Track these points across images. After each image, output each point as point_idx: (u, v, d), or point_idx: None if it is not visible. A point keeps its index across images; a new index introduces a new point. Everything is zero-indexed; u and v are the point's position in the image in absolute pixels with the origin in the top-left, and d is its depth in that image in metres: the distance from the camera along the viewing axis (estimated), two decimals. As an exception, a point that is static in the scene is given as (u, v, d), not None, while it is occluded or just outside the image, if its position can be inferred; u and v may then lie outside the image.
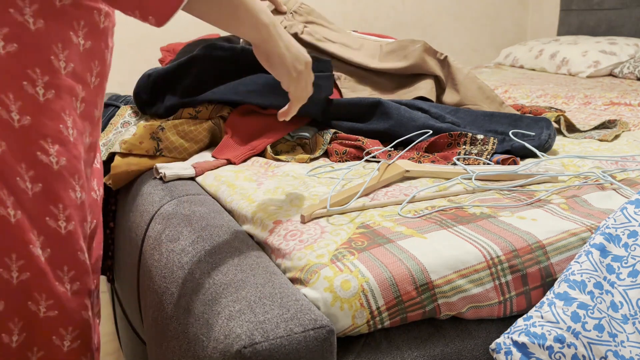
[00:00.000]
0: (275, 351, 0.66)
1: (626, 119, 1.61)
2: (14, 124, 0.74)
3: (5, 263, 0.76)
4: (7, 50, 0.72)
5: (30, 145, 0.75)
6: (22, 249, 0.76)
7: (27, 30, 0.73)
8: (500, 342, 0.73)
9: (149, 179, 1.23)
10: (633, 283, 0.76)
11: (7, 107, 0.73)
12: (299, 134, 1.33)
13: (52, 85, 0.76)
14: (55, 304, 0.80)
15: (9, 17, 0.71)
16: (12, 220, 0.75)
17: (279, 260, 0.85)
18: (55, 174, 0.78)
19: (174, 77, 1.38)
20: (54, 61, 0.75)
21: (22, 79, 0.73)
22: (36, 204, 0.77)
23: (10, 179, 0.74)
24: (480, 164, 1.18)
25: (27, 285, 0.78)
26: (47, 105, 0.76)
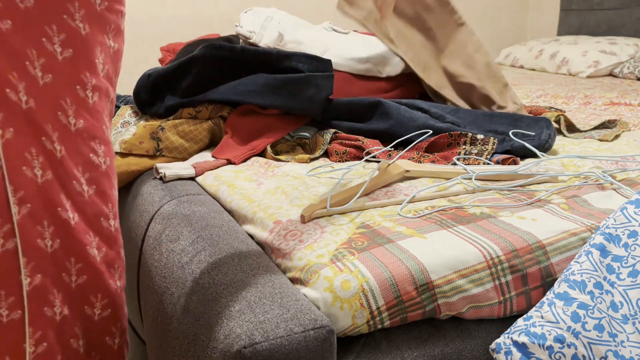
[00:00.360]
0: (275, 351, 0.66)
1: (626, 119, 1.61)
2: (71, 128, 0.75)
3: (67, 267, 0.76)
4: (64, 55, 0.73)
5: (84, 147, 0.77)
6: (80, 253, 0.77)
7: (79, 36, 0.75)
8: (500, 342, 0.73)
9: (149, 179, 1.23)
10: (633, 283, 0.76)
11: (66, 111, 0.75)
12: (299, 134, 1.33)
13: (96, 88, 0.78)
14: (109, 302, 0.82)
15: (64, 23, 0.73)
16: (72, 223, 0.76)
17: (279, 260, 0.85)
18: (104, 174, 0.80)
19: (174, 77, 1.38)
20: (98, 64, 0.78)
21: (76, 83, 0.75)
22: (92, 206, 0.78)
23: (68, 183, 0.75)
24: (480, 164, 1.18)
25: (84, 289, 0.79)
26: (94, 107, 0.78)
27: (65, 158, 0.74)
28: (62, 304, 0.77)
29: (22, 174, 0.71)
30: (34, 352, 0.74)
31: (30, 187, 0.71)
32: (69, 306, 0.77)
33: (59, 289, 0.76)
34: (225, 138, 1.31)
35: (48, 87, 0.72)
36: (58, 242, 0.75)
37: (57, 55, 0.73)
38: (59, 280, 0.76)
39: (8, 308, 0.72)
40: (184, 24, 2.86)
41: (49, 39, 0.72)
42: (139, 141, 1.28)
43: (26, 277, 0.72)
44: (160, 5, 2.80)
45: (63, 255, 0.76)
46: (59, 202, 0.74)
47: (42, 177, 0.73)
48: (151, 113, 1.41)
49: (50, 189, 0.73)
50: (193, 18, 2.87)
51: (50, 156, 0.73)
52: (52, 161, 0.73)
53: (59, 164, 0.74)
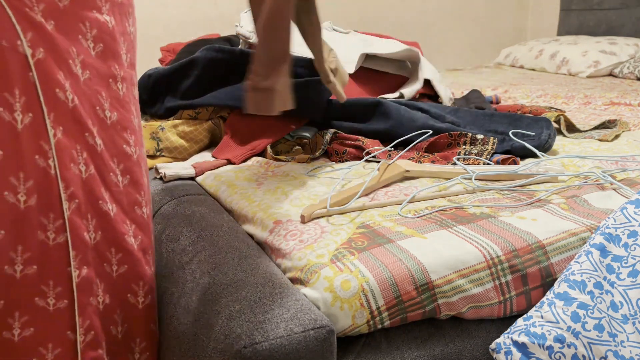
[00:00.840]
0: (275, 351, 0.66)
1: (626, 119, 1.61)
2: (107, 121, 0.77)
3: (108, 258, 0.79)
4: (96, 51, 0.75)
5: (119, 139, 0.79)
6: (119, 243, 0.79)
7: (107, 29, 0.75)
8: (500, 342, 0.73)
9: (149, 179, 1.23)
10: (633, 283, 0.76)
11: (102, 105, 0.76)
12: (299, 134, 1.33)
13: (124, 79, 0.79)
14: (149, 289, 0.84)
15: (94, 18, 0.74)
16: (111, 215, 0.78)
17: (279, 260, 0.85)
18: (136, 163, 0.81)
19: (175, 78, 1.38)
20: (122, 54, 0.79)
21: (109, 77, 0.77)
22: (127, 195, 0.80)
23: (107, 175, 0.77)
24: (480, 164, 1.18)
25: (125, 278, 0.81)
26: (124, 98, 0.79)
27: (103, 151, 0.77)
28: (105, 293, 0.79)
29: (71, 170, 0.73)
30: (84, 340, 0.77)
31: (77, 183, 0.74)
32: (110, 295, 0.80)
33: (101, 279, 0.78)
34: (225, 138, 1.31)
35: (87, 84, 0.74)
36: (100, 234, 0.77)
37: (90, 51, 0.74)
38: (101, 271, 0.78)
39: (55, 297, 0.74)
40: (184, 24, 2.86)
41: (83, 36, 0.73)
42: (139, 141, 1.29)
43: (75, 269, 0.75)
44: (160, 5, 2.80)
45: (105, 246, 0.78)
46: (100, 195, 0.76)
47: (85, 172, 0.75)
48: (151, 113, 1.41)
49: (93, 183, 0.76)
50: (193, 18, 2.87)
51: (92, 151, 0.75)
52: (93, 156, 0.75)
53: (99, 158, 0.76)
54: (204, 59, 1.34)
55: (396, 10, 3.37)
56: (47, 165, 0.71)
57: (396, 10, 3.37)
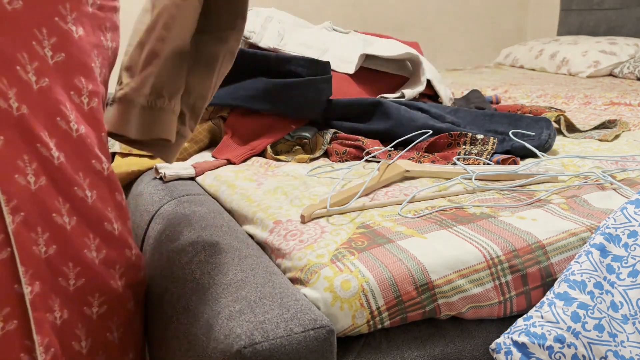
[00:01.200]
0: (275, 351, 0.66)
1: (626, 119, 1.61)
2: (73, 134, 0.74)
3: (64, 272, 0.76)
4: (55, 60, 0.71)
5: (87, 153, 0.76)
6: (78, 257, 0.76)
7: (72, 39, 0.72)
8: (500, 342, 0.73)
9: (149, 179, 1.23)
10: (633, 283, 0.76)
11: (66, 117, 0.73)
12: (299, 134, 1.33)
13: (94, 94, 0.76)
14: (107, 299, 0.81)
15: (56, 26, 0.70)
16: (67, 228, 0.75)
17: (279, 260, 0.85)
18: (105, 179, 0.79)
19: None
20: (95, 68, 0.76)
21: (71, 89, 0.73)
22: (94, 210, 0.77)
23: (68, 188, 0.74)
24: (480, 164, 1.18)
25: (83, 291, 0.78)
26: (91, 113, 0.76)
27: (64, 164, 0.73)
28: (61, 308, 0.76)
29: (15, 182, 0.69)
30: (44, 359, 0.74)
31: (23, 195, 0.70)
32: (68, 309, 0.77)
33: (56, 293, 0.75)
34: (225, 138, 1.31)
35: (44, 93, 0.70)
36: (54, 247, 0.74)
37: (48, 59, 0.70)
38: (55, 285, 0.75)
39: (3, 320, 0.71)
40: (184, 24, 2.85)
41: (38, 43, 0.69)
42: (139, 141, 1.28)
43: (27, 285, 0.71)
44: (160, 5, 2.79)
45: (60, 260, 0.75)
46: (55, 208, 0.73)
47: (35, 183, 0.71)
48: (151, 113, 1.41)
49: (45, 195, 0.72)
50: (193, 18, 2.87)
51: (46, 162, 0.71)
52: (48, 167, 0.72)
53: (57, 170, 0.72)
54: None
55: (396, 11, 3.37)
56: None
57: (396, 11, 3.37)
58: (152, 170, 1.26)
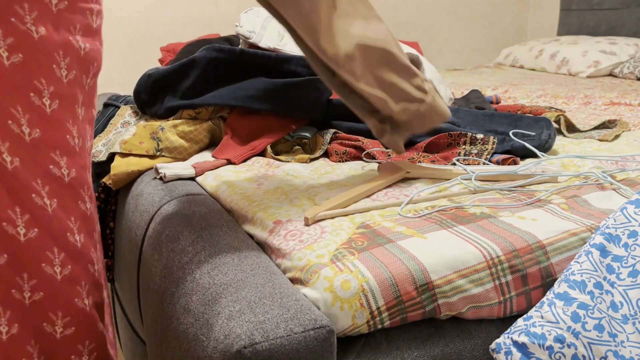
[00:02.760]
0: (275, 351, 0.66)
1: (626, 119, 1.61)
2: (26, 138, 0.70)
3: (17, 283, 0.72)
4: (11, 61, 0.68)
5: (43, 159, 0.72)
6: (34, 269, 0.72)
7: (30, 39, 0.69)
8: (500, 342, 0.73)
9: (149, 179, 1.23)
10: (633, 283, 0.76)
11: (18, 120, 0.70)
12: (299, 134, 1.33)
13: (56, 95, 0.73)
14: (73, 320, 0.77)
15: (12, 26, 0.67)
16: (21, 239, 0.71)
17: (279, 260, 0.85)
18: (67, 186, 0.75)
19: (175, 78, 1.38)
20: (56, 70, 0.72)
21: (29, 91, 0.70)
22: (57, 220, 0.74)
23: (25, 196, 0.71)
24: (480, 164, 1.18)
25: (41, 306, 0.74)
26: (53, 115, 0.73)
27: (18, 170, 0.70)
28: (10, 322, 0.72)
29: None
30: None
31: None
32: (20, 324, 0.73)
33: (6, 306, 0.72)
34: (225, 138, 1.31)
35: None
36: (5, 257, 0.71)
37: (3, 60, 0.68)
38: (6, 298, 0.72)
39: None
40: (184, 24, 2.86)
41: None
42: (139, 141, 1.29)
43: None
44: (160, 5, 2.80)
45: (11, 271, 0.71)
46: (6, 217, 0.70)
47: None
48: (151, 113, 1.41)
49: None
50: (193, 18, 2.87)
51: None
52: (1, 173, 0.69)
53: (11, 176, 0.69)
54: (204, 58, 1.34)
55: (396, 10, 3.37)
56: None
57: (396, 10, 3.37)
58: (152, 170, 1.26)
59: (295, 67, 1.32)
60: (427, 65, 1.63)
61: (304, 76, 1.31)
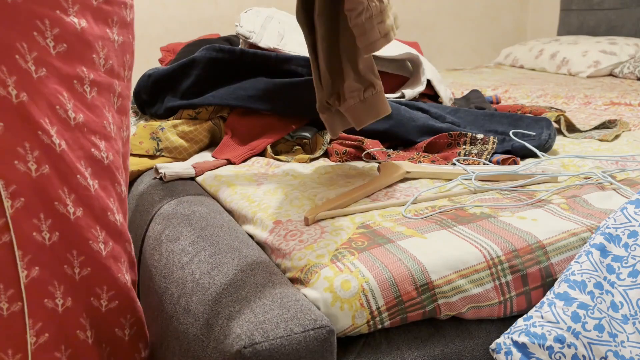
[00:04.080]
0: (275, 351, 0.66)
1: (626, 119, 1.61)
2: (71, 122, 0.75)
3: (69, 259, 0.77)
4: (57, 50, 0.73)
5: (85, 142, 0.77)
6: (83, 246, 0.77)
7: (73, 30, 0.74)
8: (501, 342, 0.73)
9: (149, 179, 1.23)
10: (633, 283, 0.76)
11: (64, 105, 0.74)
12: (299, 134, 1.33)
13: (95, 83, 0.78)
14: (116, 294, 0.82)
15: (57, 18, 0.73)
16: (71, 217, 0.76)
17: (279, 260, 0.85)
18: (106, 168, 0.80)
19: (175, 78, 1.38)
20: (96, 59, 0.78)
21: (73, 78, 0.75)
22: (99, 200, 0.78)
23: (71, 177, 0.75)
24: (480, 164, 1.18)
25: (89, 281, 0.79)
26: (92, 102, 0.78)
27: (65, 152, 0.74)
28: (65, 296, 0.77)
29: (14, 168, 0.71)
30: (36, 342, 0.75)
31: (23, 181, 0.72)
32: (73, 298, 0.78)
33: (60, 280, 0.76)
34: (225, 138, 1.31)
35: (43, 82, 0.72)
36: (57, 234, 0.75)
37: (50, 49, 0.72)
38: (59, 273, 0.76)
39: (8, 301, 0.73)
40: (184, 24, 2.86)
41: (40, 33, 0.71)
42: (139, 141, 1.29)
43: (23, 269, 0.73)
44: (160, 5, 2.80)
45: (63, 248, 0.76)
46: (57, 196, 0.74)
47: (36, 171, 0.72)
48: (151, 113, 1.41)
49: (47, 183, 0.73)
50: (193, 18, 2.87)
51: (48, 150, 0.73)
52: (50, 155, 0.73)
53: (59, 158, 0.74)
54: (204, 58, 1.34)
55: (396, 10, 3.37)
56: None
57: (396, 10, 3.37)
58: (152, 170, 1.26)
59: (296, 67, 1.32)
60: (427, 65, 1.63)
61: (304, 76, 1.31)
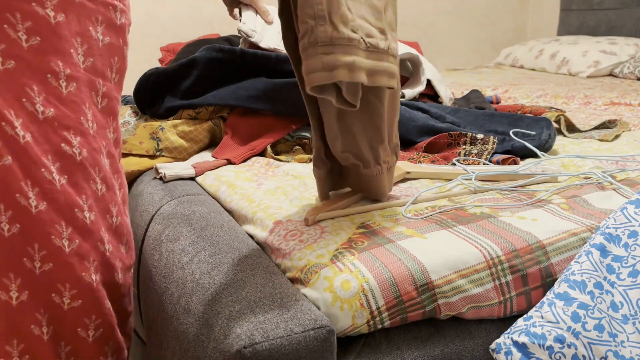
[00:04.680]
0: (275, 351, 0.66)
1: (626, 119, 1.61)
2: (39, 116, 0.75)
3: (29, 253, 0.76)
4: (30, 43, 0.73)
5: (54, 137, 0.76)
6: (44, 240, 0.76)
7: (48, 24, 0.74)
8: (501, 342, 0.73)
9: (149, 179, 1.23)
10: (633, 283, 0.76)
11: (32, 99, 0.74)
12: (299, 134, 1.33)
13: (72, 78, 0.77)
14: (79, 294, 0.81)
15: (31, 9, 0.72)
16: (32, 211, 0.75)
17: (279, 260, 0.85)
18: (78, 165, 0.79)
19: (175, 78, 1.38)
20: (74, 54, 0.77)
21: (47, 72, 0.75)
22: (65, 195, 0.77)
23: (35, 170, 0.75)
24: (480, 164, 1.18)
25: (50, 276, 0.78)
26: (69, 97, 0.77)
27: (30, 144, 0.74)
28: (21, 289, 0.76)
29: None
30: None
31: None
32: (30, 292, 0.77)
33: (17, 273, 0.75)
34: (225, 138, 1.31)
35: (9, 73, 0.72)
36: (17, 226, 0.74)
37: (21, 42, 0.72)
38: (17, 265, 0.75)
39: None
40: (184, 24, 2.86)
41: (11, 26, 0.72)
42: (139, 141, 1.29)
43: None
44: (160, 5, 2.80)
45: (23, 240, 0.75)
46: (18, 188, 0.74)
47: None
48: (151, 113, 1.41)
49: (8, 174, 0.73)
50: (193, 18, 2.87)
51: (11, 141, 0.73)
52: (12, 147, 0.73)
53: (23, 150, 0.73)
54: (204, 58, 1.34)
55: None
56: None
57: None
58: (152, 170, 1.26)
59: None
60: (427, 65, 1.63)
61: None
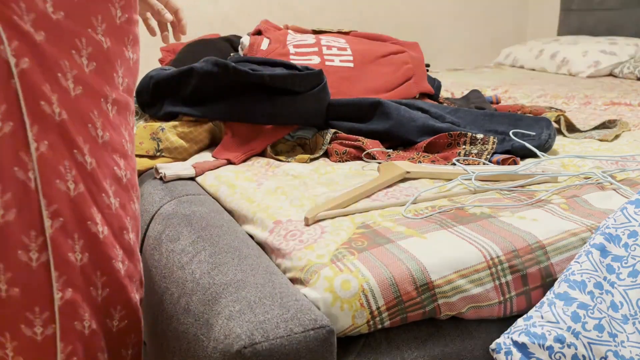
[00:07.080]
0: (275, 351, 0.66)
1: (626, 119, 1.61)
2: (99, 141, 0.75)
3: (93, 280, 0.76)
4: (89, 68, 0.73)
5: (110, 160, 0.76)
6: (106, 266, 0.76)
7: (102, 49, 0.74)
8: (501, 342, 0.73)
9: (149, 179, 1.23)
10: (633, 283, 0.76)
11: (95, 124, 0.74)
12: (299, 134, 1.33)
13: (116, 102, 0.78)
14: (127, 314, 0.81)
15: (90, 36, 0.73)
16: (100, 237, 0.75)
17: (279, 260, 0.85)
18: (124, 187, 0.79)
19: (175, 84, 1.37)
20: (116, 78, 0.77)
21: (101, 96, 0.75)
22: (118, 219, 0.77)
23: (98, 196, 0.75)
24: (480, 164, 1.18)
25: (107, 302, 0.78)
26: (114, 120, 0.77)
27: (95, 170, 0.74)
28: (91, 318, 0.76)
29: (56, 187, 0.70)
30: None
31: (63, 200, 0.71)
32: (96, 320, 0.77)
33: (87, 303, 0.75)
34: (225, 138, 1.31)
35: (79, 99, 0.72)
36: (87, 255, 0.74)
37: (84, 67, 0.72)
38: (88, 295, 0.75)
39: (43, 325, 0.71)
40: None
41: (77, 52, 0.71)
42: (139, 142, 1.28)
43: (58, 291, 0.72)
44: (160, 5, 2.80)
45: (91, 269, 0.75)
46: (89, 216, 0.74)
47: (74, 190, 0.72)
48: (151, 114, 1.41)
49: (82, 202, 0.73)
50: (193, 18, 2.87)
51: (82, 169, 0.73)
52: (83, 174, 0.73)
53: (90, 177, 0.73)
54: (201, 70, 1.32)
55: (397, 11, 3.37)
56: (26, 178, 0.68)
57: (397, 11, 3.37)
58: (152, 170, 1.26)
59: (292, 86, 1.29)
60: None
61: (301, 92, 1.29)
